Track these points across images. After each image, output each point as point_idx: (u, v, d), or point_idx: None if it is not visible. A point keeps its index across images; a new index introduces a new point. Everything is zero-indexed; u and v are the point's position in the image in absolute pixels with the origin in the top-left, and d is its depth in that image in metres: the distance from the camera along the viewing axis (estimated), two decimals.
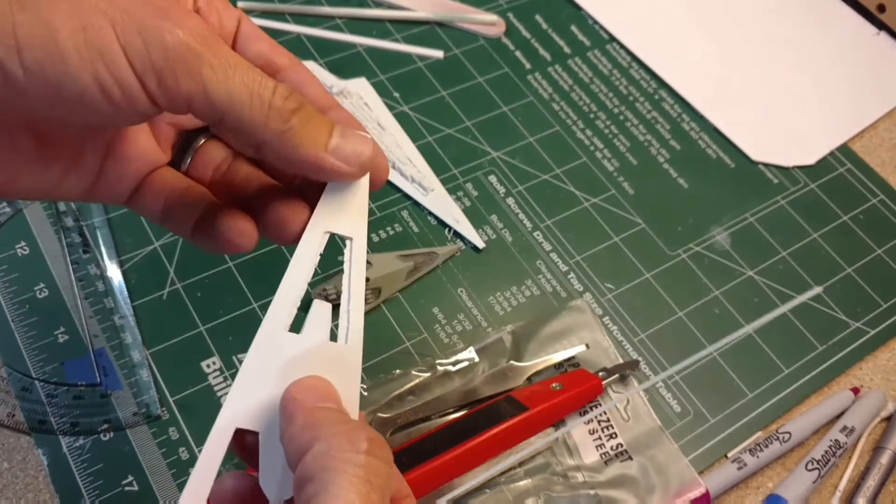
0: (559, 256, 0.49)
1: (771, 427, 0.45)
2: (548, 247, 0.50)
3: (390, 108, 0.55)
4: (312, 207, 0.30)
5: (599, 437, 0.42)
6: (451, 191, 0.51)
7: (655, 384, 0.45)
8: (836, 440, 0.44)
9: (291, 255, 0.47)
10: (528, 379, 0.43)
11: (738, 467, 0.42)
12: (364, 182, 0.29)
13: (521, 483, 0.40)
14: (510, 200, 0.52)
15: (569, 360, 0.44)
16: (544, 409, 0.40)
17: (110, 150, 0.30)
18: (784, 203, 0.54)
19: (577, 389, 0.41)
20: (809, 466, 0.43)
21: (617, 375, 0.43)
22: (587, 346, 0.45)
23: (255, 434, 0.26)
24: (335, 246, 0.48)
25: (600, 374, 0.43)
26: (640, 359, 0.46)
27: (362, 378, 0.43)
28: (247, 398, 0.26)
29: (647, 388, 0.45)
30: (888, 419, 0.46)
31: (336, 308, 0.28)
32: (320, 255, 0.30)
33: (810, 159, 0.57)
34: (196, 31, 0.24)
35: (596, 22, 0.63)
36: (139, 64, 0.24)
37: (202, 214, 0.31)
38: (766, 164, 0.57)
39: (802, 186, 0.56)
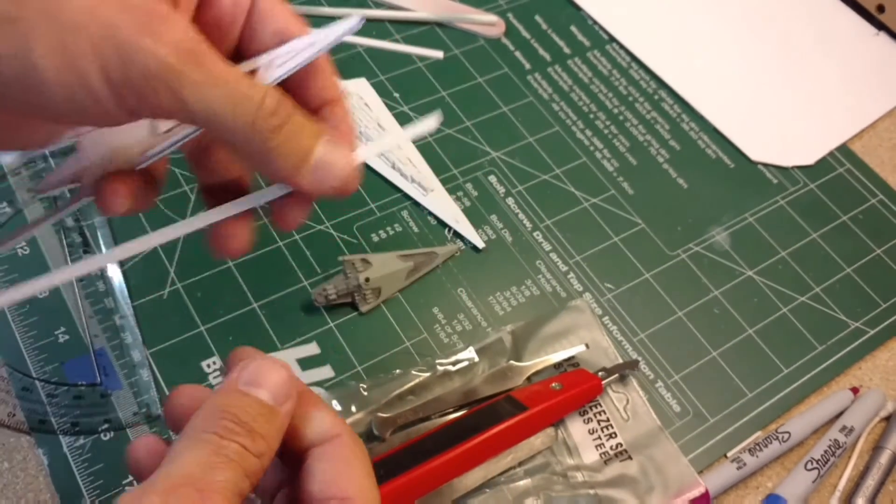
0: (559, 256, 0.50)
1: (770, 427, 0.45)
2: (548, 247, 0.50)
3: (390, 108, 0.55)
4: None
5: (599, 437, 0.42)
6: (451, 191, 0.51)
7: (655, 384, 0.45)
8: (835, 440, 0.44)
9: (292, 256, 0.47)
10: (528, 379, 0.43)
11: (737, 467, 0.42)
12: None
13: (521, 483, 0.40)
14: (510, 200, 0.52)
15: (568, 360, 0.44)
16: (544, 408, 0.40)
17: None
18: (783, 203, 0.55)
19: (577, 389, 0.41)
20: (809, 466, 0.43)
21: (617, 375, 0.43)
22: (587, 345, 0.45)
23: None
24: (336, 246, 0.48)
25: (600, 374, 0.43)
26: (639, 359, 0.46)
27: (362, 378, 0.43)
28: None
29: (646, 388, 0.45)
30: (887, 419, 0.47)
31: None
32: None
33: (810, 159, 0.57)
34: (179, 46, 0.24)
35: (595, 22, 0.63)
36: (118, 82, 0.23)
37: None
38: (765, 165, 0.57)
39: (802, 186, 0.56)
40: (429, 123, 0.30)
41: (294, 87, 0.30)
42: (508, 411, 0.40)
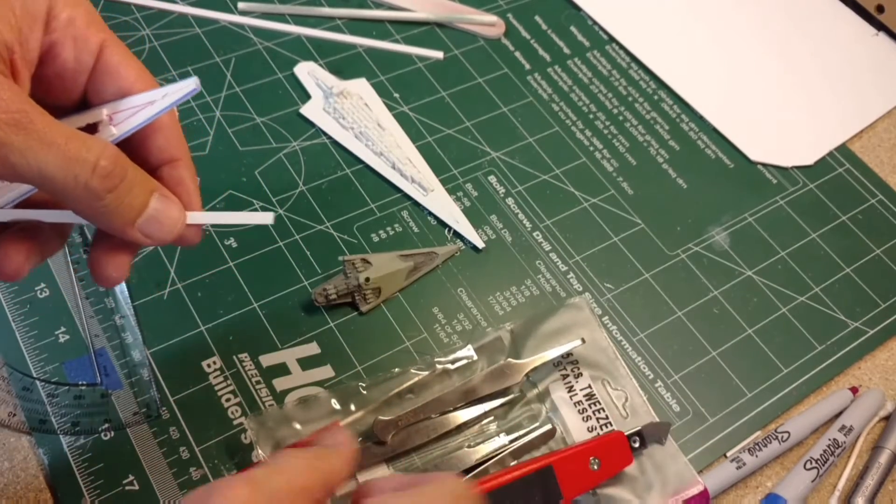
0: (559, 256, 0.50)
1: (770, 426, 0.45)
2: (547, 247, 0.50)
3: (390, 108, 0.55)
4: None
5: (598, 435, 0.42)
6: (451, 191, 0.51)
7: (655, 383, 0.45)
8: (834, 439, 0.44)
9: (292, 256, 0.47)
10: (526, 376, 0.43)
11: (737, 466, 0.43)
12: None
13: None
14: (510, 200, 0.52)
15: (566, 356, 0.44)
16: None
17: None
18: (783, 203, 0.55)
19: (614, 469, 0.40)
20: (808, 466, 0.43)
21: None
22: (583, 340, 0.44)
23: None
24: (336, 246, 0.48)
25: (633, 441, 0.41)
26: (671, 423, 0.44)
27: (362, 377, 0.43)
28: None
29: (646, 388, 0.45)
30: (887, 419, 0.47)
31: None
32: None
33: (809, 159, 0.57)
34: (2, 116, 0.24)
35: (595, 23, 0.63)
36: None
37: None
38: (764, 165, 0.57)
39: (801, 186, 0.56)
40: (265, 217, 0.31)
41: (135, 143, 0.30)
42: (544, 497, 0.37)
